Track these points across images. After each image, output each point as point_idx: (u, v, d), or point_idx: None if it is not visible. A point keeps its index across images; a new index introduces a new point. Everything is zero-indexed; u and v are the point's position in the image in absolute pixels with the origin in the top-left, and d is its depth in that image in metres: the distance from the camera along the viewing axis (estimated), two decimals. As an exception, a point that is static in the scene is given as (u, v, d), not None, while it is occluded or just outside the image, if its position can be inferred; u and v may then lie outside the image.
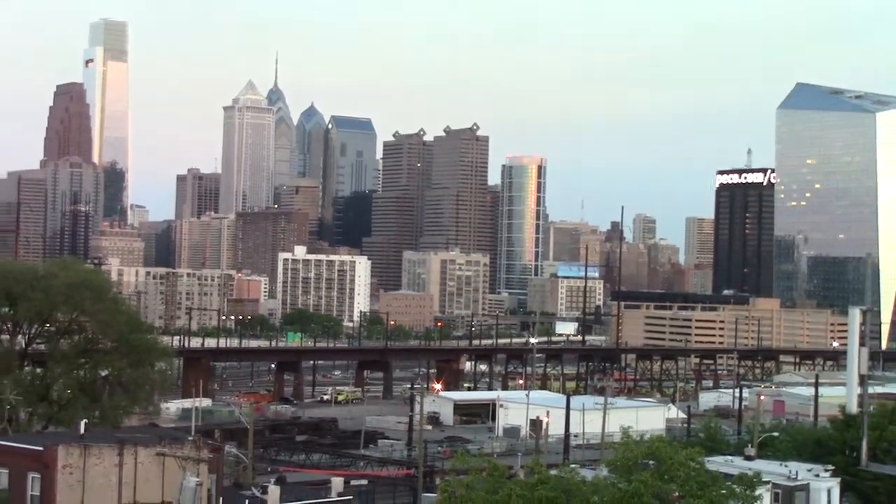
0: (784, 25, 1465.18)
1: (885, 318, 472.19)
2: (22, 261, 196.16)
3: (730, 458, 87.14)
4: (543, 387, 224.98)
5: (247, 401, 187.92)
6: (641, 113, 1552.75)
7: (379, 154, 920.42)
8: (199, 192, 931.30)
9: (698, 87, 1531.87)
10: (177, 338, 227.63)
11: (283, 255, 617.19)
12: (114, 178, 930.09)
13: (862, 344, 21.28)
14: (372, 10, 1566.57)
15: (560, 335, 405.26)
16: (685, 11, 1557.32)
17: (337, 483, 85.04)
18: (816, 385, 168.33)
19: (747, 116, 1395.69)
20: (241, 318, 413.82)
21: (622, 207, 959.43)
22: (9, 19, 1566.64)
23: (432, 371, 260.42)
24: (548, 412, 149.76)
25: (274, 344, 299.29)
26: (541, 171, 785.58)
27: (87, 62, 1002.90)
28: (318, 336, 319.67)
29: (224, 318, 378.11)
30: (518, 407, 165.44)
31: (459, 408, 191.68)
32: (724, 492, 53.48)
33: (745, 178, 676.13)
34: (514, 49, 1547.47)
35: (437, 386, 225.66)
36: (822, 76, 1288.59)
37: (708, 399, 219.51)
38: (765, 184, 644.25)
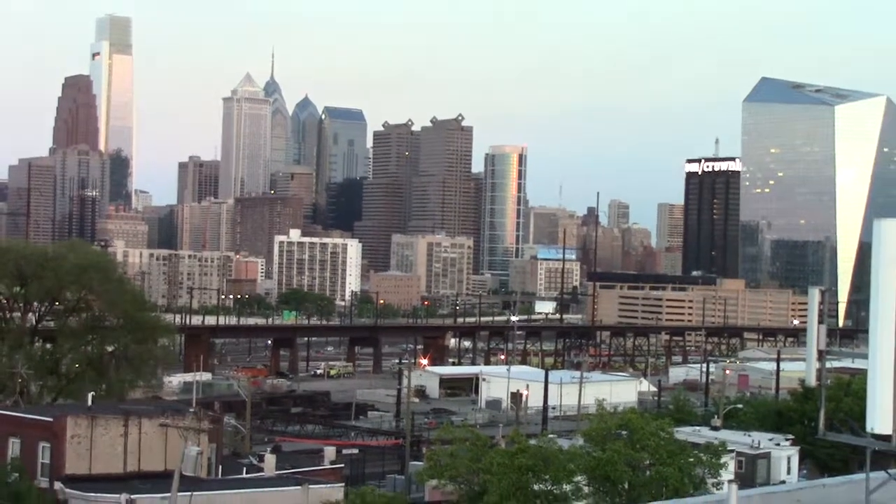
0: (750, 23, 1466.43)
1: (842, 297, 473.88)
2: (32, 243, 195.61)
3: (697, 428, 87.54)
4: (523, 362, 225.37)
5: (245, 375, 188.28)
6: (616, 104, 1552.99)
7: (369, 143, 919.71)
8: (200, 178, 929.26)
9: (670, 80, 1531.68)
10: (179, 316, 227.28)
11: (278, 238, 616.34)
12: (119, 165, 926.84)
13: (820, 322, 21.32)
14: (363, 7, 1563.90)
15: (539, 314, 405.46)
16: (658, 10, 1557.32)
17: (329, 452, 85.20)
18: (778, 360, 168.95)
19: (715, 109, 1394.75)
20: (239, 297, 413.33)
21: (598, 194, 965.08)
22: (20, 17, 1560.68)
23: (419, 347, 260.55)
24: (527, 386, 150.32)
25: (270, 322, 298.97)
26: (521, 159, 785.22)
27: (93, 55, 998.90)
28: (311, 314, 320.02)
29: (223, 297, 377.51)
30: (500, 381, 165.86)
31: (444, 382, 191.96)
32: (691, 460, 53.63)
33: (713, 166, 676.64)
34: (497, 45, 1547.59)
35: (424, 361, 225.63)
36: (785, 71, 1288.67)
37: (677, 373, 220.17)
38: (731, 172, 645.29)
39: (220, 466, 69.38)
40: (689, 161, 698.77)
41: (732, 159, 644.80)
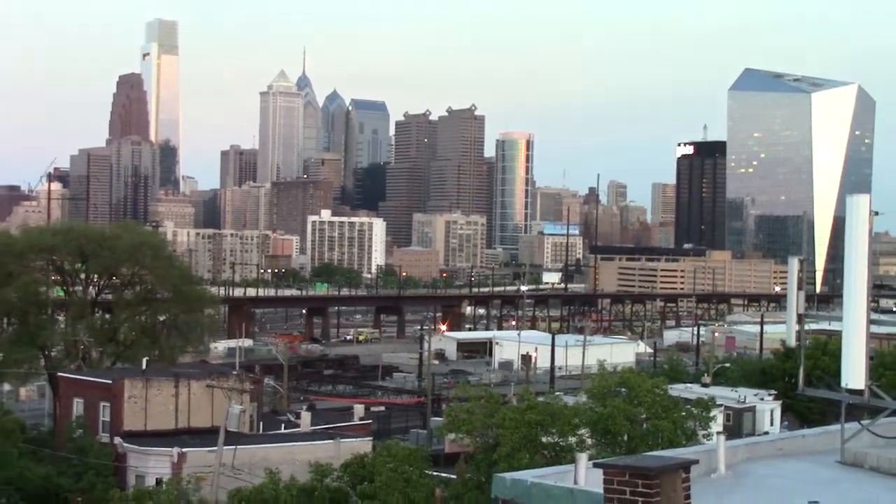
0: (734, 18, 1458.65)
1: (819, 266, 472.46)
2: (92, 224, 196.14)
3: (689, 385, 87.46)
4: (532, 327, 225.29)
5: (282, 341, 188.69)
6: (615, 93, 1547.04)
7: (392, 131, 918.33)
8: (240, 164, 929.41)
9: (663, 71, 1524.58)
10: (222, 288, 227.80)
11: (311, 218, 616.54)
12: (168, 154, 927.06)
13: (799, 288, 21.20)
14: (385, 9, 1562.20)
15: (546, 283, 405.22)
16: (652, 6, 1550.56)
17: (359, 409, 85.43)
18: (762, 323, 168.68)
19: (703, 97, 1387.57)
20: (276, 271, 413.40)
21: (598, 175, 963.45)
22: (79, 20, 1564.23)
23: (438, 314, 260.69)
24: (536, 349, 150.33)
25: (304, 293, 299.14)
26: (529, 144, 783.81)
27: (144, 56, 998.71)
28: (341, 286, 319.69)
29: (262, 271, 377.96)
30: (511, 344, 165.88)
31: (461, 346, 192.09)
32: (683, 414, 53.51)
33: (702, 149, 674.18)
34: (506, 41, 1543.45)
35: (443, 327, 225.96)
36: (766, 62, 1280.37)
37: (671, 336, 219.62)
38: (718, 154, 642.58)
39: (261, 423, 69.68)
40: (681, 144, 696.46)
41: (719, 143, 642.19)
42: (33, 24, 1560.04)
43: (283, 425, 72.91)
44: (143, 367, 71.92)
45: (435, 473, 51.46)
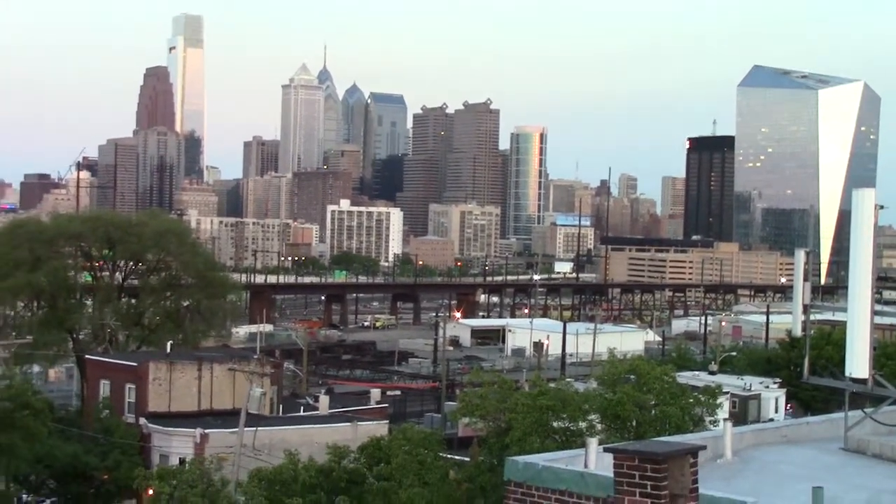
0: (743, 16, 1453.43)
1: (824, 258, 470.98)
2: (119, 212, 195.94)
3: (696, 373, 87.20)
4: (544, 315, 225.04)
5: (302, 326, 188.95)
6: (626, 89, 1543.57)
7: (409, 124, 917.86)
8: (263, 155, 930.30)
9: (673, 67, 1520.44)
10: (244, 275, 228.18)
11: (331, 208, 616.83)
12: (192, 144, 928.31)
13: (805, 279, 21.15)
14: (403, 6, 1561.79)
15: (558, 273, 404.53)
16: (663, 3, 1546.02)
17: (375, 393, 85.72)
18: (767, 313, 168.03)
19: (712, 93, 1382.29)
20: (296, 259, 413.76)
21: (609, 168, 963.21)
22: (108, 17, 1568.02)
23: (453, 302, 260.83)
24: (548, 336, 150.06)
25: (324, 280, 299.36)
26: (543, 137, 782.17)
27: (170, 49, 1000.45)
28: (359, 274, 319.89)
29: (283, 259, 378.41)
30: (524, 332, 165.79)
31: (475, 332, 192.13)
32: (691, 401, 53.39)
33: (711, 143, 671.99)
34: (521, 37, 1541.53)
35: (458, 314, 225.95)
36: (774, 59, 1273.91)
37: (679, 325, 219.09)
38: (727, 148, 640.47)
39: (281, 405, 69.89)
40: (690, 139, 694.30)
41: (728, 137, 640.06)
42: (64, 20, 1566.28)
43: (302, 408, 73.14)
44: (168, 350, 72.20)
45: (449, 456, 51.51)
